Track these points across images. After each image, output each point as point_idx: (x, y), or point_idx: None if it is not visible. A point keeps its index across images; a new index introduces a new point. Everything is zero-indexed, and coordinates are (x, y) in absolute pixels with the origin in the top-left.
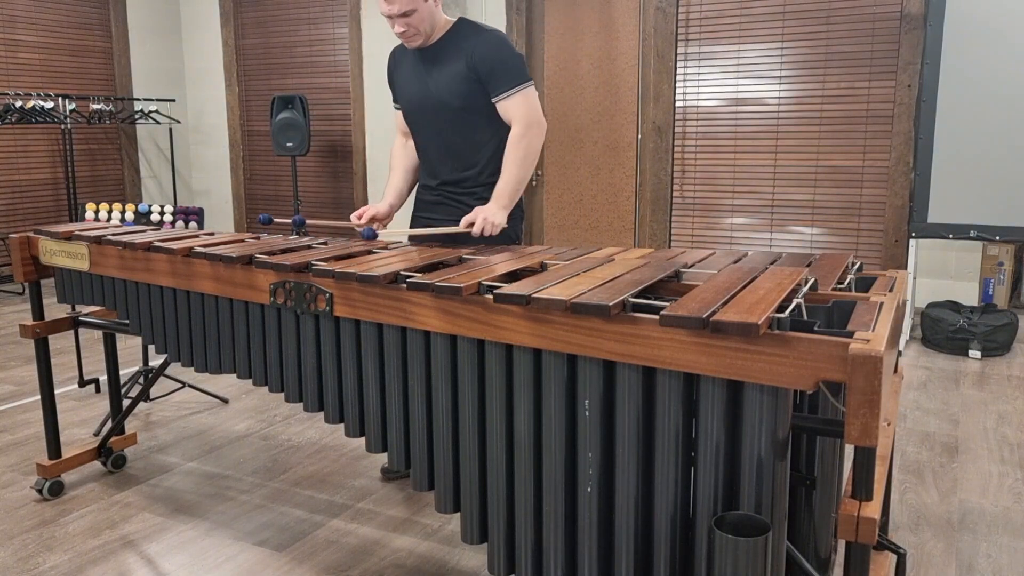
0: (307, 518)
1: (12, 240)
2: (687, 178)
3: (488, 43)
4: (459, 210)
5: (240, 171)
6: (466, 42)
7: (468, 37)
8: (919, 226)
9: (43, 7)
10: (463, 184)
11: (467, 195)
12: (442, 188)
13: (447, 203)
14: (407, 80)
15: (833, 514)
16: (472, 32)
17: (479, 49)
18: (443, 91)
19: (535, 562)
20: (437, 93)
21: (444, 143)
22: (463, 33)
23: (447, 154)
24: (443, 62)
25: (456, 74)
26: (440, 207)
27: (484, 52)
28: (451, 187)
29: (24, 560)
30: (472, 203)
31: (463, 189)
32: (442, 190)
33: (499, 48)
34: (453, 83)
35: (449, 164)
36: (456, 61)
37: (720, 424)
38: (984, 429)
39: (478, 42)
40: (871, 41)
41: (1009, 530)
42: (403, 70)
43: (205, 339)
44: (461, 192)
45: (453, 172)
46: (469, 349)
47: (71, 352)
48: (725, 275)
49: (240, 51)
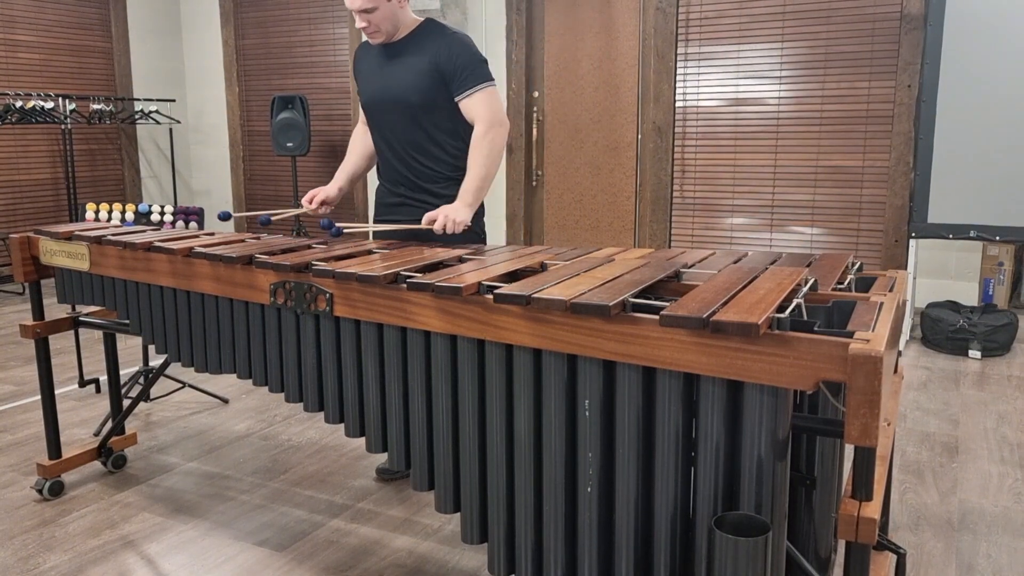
0: (307, 518)
1: (12, 240)
2: (687, 178)
3: (454, 43)
4: (421, 210)
5: (240, 171)
6: (431, 41)
7: (434, 37)
8: (919, 226)
9: (43, 7)
10: (422, 184)
11: (426, 192)
12: (402, 189)
13: (408, 204)
14: (368, 75)
15: (833, 514)
16: (438, 32)
17: (445, 49)
18: (404, 86)
19: (535, 562)
20: (397, 88)
21: (402, 141)
22: (429, 33)
23: (405, 153)
24: (405, 58)
25: (419, 71)
26: (402, 208)
27: (450, 51)
28: (410, 188)
29: (24, 560)
30: (433, 202)
31: (422, 188)
32: (402, 192)
33: (465, 48)
34: (415, 79)
35: (408, 163)
36: (419, 58)
37: (720, 424)
38: (984, 429)
39: (444, 42)
40: (871, 41)
41: (1009, 530)
42: (365, 65)
43: (205, 339)
44: (421, 191)
45: (412, 172)
46: (469, 349)
47: (71, 352)
48: (725, 275)
49: (240, 51)
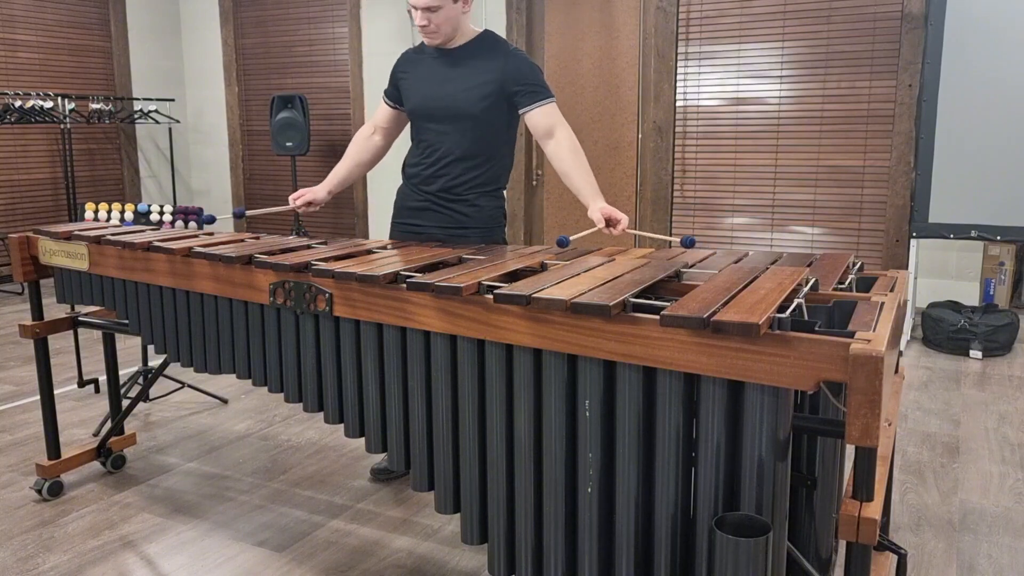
0: (307, 519)
1: (11, 240)
2: (688, 178)
3: (519, 58)
4: (446, 216)
5: (240, 171)
6: (495, 53)
7: (498, 50)
8: (920, 226)
9: (43, 7)
10: (458, 191)
11: (459, 202)
12: (436, 194)
13: (434, 209)
14: (422, 81)
15: (834, 514)
16: (502, 46)
17: (512, 63)
18: (466, 96)
19: (535, 563)
20: (458, 97)
21: (449, 147)
22: (493, 45)
23: (449, 159)
24: (468, 68)
25: (483, 82)
26: (426, 212)
27: (518, 66)
28: (445, 193)
29: (24, 560)
30: (463, 210)
31: (456, 195)
32: (434, 195)
33: (530, 65)
34: (480, 88)
35: (448, 170)
36: (484, 69)
37: (721, 424)
38: (985, 429)
39: (511, 58)
40: (872, 40)
41: (1010, 530)
42: (419, 71)
43: (205, 339)
44: (454, 198)
45: (449, 179)
46: (469, 349)
47: (70, 352)
48: (726, 275)
49: (240, 51)
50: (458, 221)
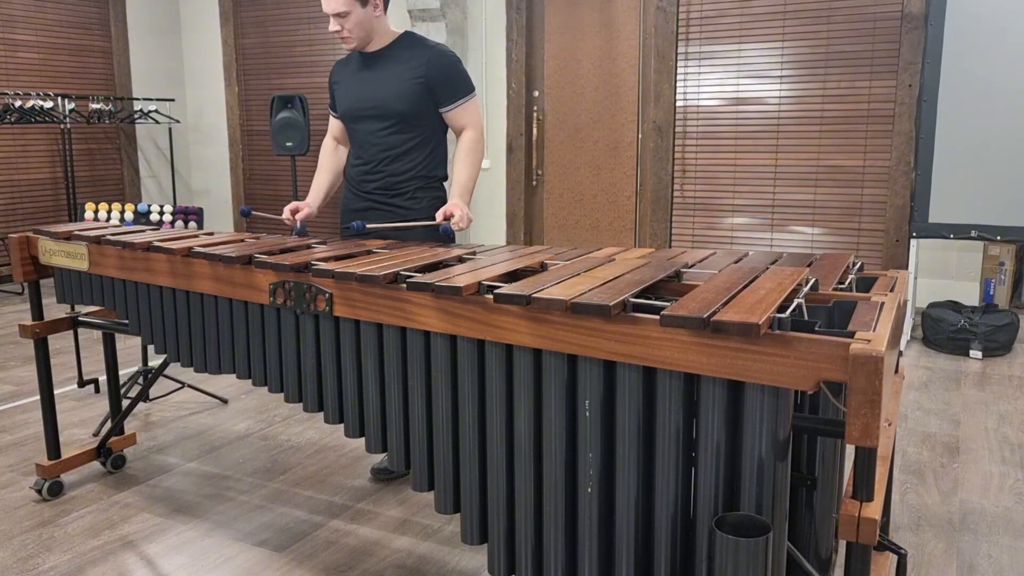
0: (307, 518)
1: (11, 240)
2: (688, 178)
3: (441, 56)
4: (388, 213)
5: (239, 171)
6: (415, 52)
7: (417, 48)
8: (920, 226)
9: (43, 7)
10: (397, 187)
11: (398, 196)
12: (372, 195)
13: (376, 208)
14: (350, 85)
15: (834, 514)
16: (421, 44)
17: (434, 61)
18: (388, 94)
19: (535, 563)
20: (381, 96)
21: (379, 148)
22: (411, 44)
23: (381, 160)
24: (389, 68)
25: (404, 79)
26: (369, 212)
27: (439, 64)
28: (384, 191)
29: (23, 560)
30: (403, 204)
31: (395, 192)
32: (372, 197)
33: (452, 61)
34: (400, 87)
35: (382, 170)
36: (404, 68)
37: (721, 424)
38: (985, 429)
39: (432, 55)
40: (872, 41)
41: (1010, 530)
42: (346, 77)
43: (205, 339)
44: (394, 195)
45: (384, 179)
46: (469, 349)
47: (70, 352)
48: (726, 275)
49: (240, 50)
50: (401, 216)
